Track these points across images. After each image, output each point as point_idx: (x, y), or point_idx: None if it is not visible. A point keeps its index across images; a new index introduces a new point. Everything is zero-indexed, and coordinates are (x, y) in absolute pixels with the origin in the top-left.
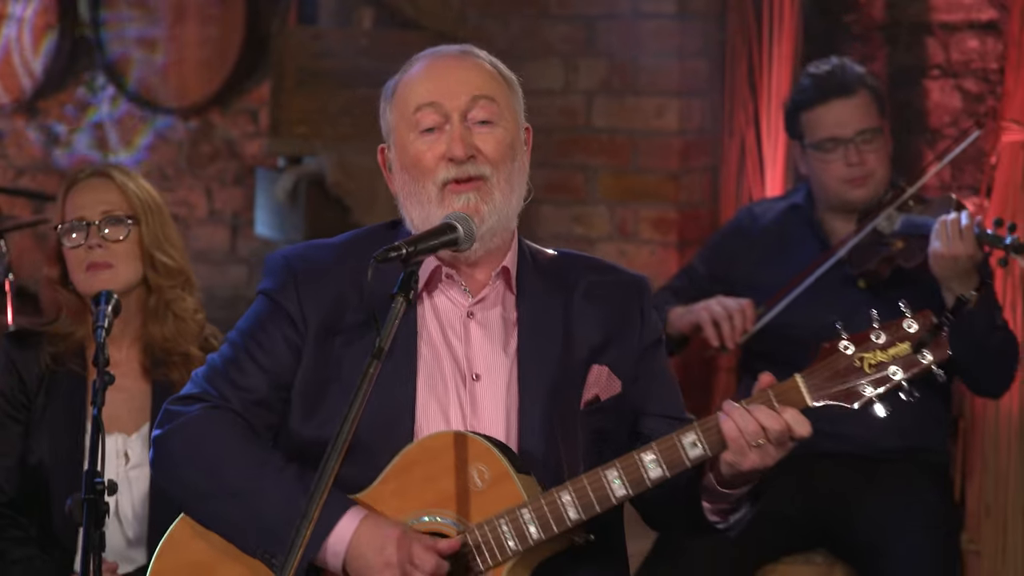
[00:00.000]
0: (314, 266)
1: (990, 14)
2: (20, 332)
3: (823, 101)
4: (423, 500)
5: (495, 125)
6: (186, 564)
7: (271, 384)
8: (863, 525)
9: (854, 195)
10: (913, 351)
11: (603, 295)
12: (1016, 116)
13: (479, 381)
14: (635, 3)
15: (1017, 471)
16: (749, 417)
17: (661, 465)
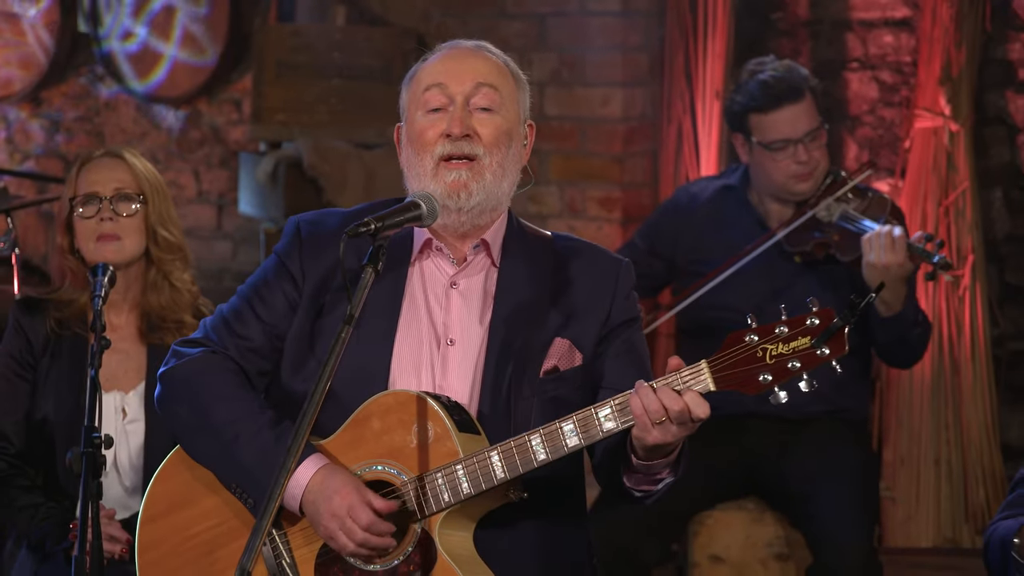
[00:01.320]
0: (320, 232)
1: (904, 12)
2: (27, 299)
3: (776, 107)
4: (375, 451)
5: (495, 113)
6: (175, 491)
7: (267, 334)
8: (792, 476)
9: (800, 188)
10: (813, 346)
11: (579, 274)
12: (927, 105)
13: (452, 346)
14: (582, 1)
15: (928, 427)
16: (654, 396)
17: (578, 434)
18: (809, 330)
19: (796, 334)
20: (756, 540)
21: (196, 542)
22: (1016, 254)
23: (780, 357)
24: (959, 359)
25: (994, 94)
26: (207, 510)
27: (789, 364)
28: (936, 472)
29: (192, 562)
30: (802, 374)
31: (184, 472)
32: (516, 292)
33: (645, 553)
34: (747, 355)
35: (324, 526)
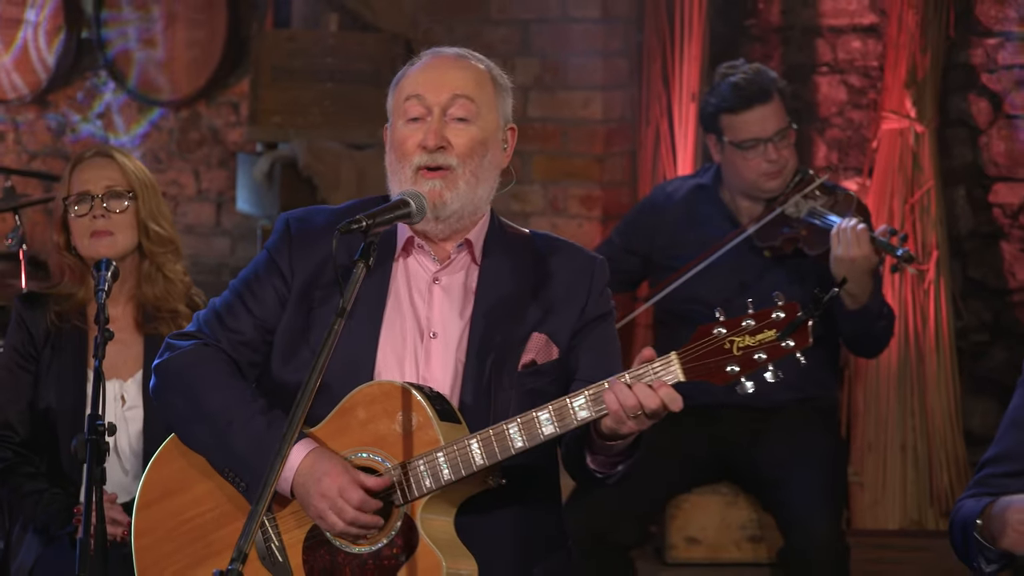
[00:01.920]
0: (309, 229)
1: (871, 19)
2: (28, 294)
3: (746, 107)
4: (360, 439)
5: (470, 123)
6: (169, 478)
7: (258, 328)
8: (764, 461)
9: (770, 185)
10: (778, 339)
11: (555, 271)
12: (894, 107)
13: (435, 339)
14: (564, 8)
15: (895, 414)
16: (629, 393)
17: (554, 423)
18: (775, 323)
19: (762, 327)
20: (730, 523)
21: (189, 527)
22: (978, 250)
23: (747, 349)
24: (924, 350)
25: (957, 97)
26: (200, 496)
27: (755, 356)
28: (902, 458)
29: (185, 546)
30: (768, 365)
31: (178, 459)
32: (496, 289)
33: (624, 535)
34: (715, 347)
35: (314, 506)
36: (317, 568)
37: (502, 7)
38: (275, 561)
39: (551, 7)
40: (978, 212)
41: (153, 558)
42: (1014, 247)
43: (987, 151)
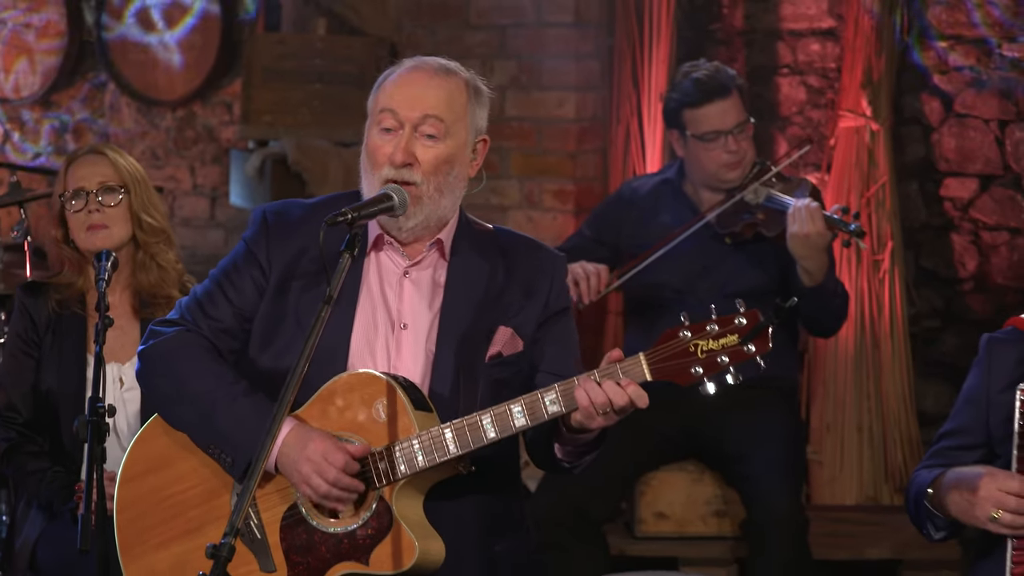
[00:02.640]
0: (285, 221)
1: (829, 23)
2: (30, 283)
3: (707, 101)
4: (338, 425)
5: (439, 141)
6: (152, 454)
7: (236, 316)
8: (728, 440)
9: (730, 176)
10: (740, 343)
11: (519, 268)
12: (851, 106)
13: (406, 330)
14: (539, 14)
15: (851, 396)
16: (599, 390)
17: (525, 416)
18: (737, 329)
19: (725, 332)
20: (696, 498)
21: (169, 503)
22: (930, 241)
23: (710, 352)
24: (879, 335)
25: (910, 97)
26: (182, 473)
27: (718, 359)
28: (858, 437)
29: (165, 521)
30: (729, 368)
31: (161, 437)
32: (464, 284)
33: (596, 511)
34: (680, 350)
35: (299, 471)
36: (294, 546)
37: (481, 12)
38: (254, 538)
39: (527, 12)
40: (930, 205)
41: (135, 531)
42: (964, 238)
43: (939, 148)
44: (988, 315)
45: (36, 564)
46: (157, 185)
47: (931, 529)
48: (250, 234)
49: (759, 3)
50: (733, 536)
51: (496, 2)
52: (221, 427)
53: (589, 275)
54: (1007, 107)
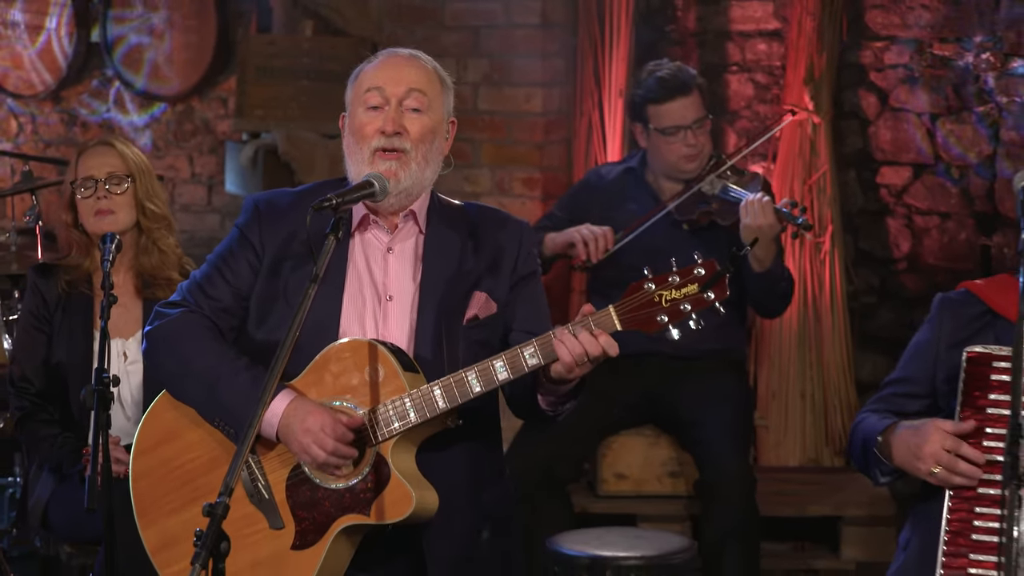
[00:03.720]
0: (275, 208)
1: (775, 24)
2: (41, 265)
3: (670, 98)
4: (334, 389)
5: (423, 113)
6: (162, 428)
7: (234, 296)
8: (682, 406)
9: (688, 167)
10: (700, 291)
11: (489, 237)
12: (794, 101)
13: (391, 301)
14: (509, 16)
15: (795, 366)
16: (576, 342)
17: (507, 370)
18: (697, 278)
19: (686, 282)
20: (653, 460)
21: (180, 472)
22: (867, 225)
23: (674, 301)
24: (821, 311)
25: (849, 92)
26: (190, 444)
27: (681, 307)
28: (801, 404)
29: (176, 488)
30: (692, 315)
31: (170, 411)
32: (440, 254)
33: (561, 471)
34: (646, 300)
35: (299, 441)
36: (300, 503)
37: (455, 15)
38: (262, 498)
39: (497, 15)
40: (867, 192)
41: (150, 499)
42: (898, 222)
43: (875, 139)
44: (920, 292)
45: (48, 522)
46: (158, 174)
47: (877, 474)
48: (243, 221)
49: (710, 6)
50: (687, 495)
51: (469, 5)
52: (224, 401)
53: (597, 237)
54: (937, 101)
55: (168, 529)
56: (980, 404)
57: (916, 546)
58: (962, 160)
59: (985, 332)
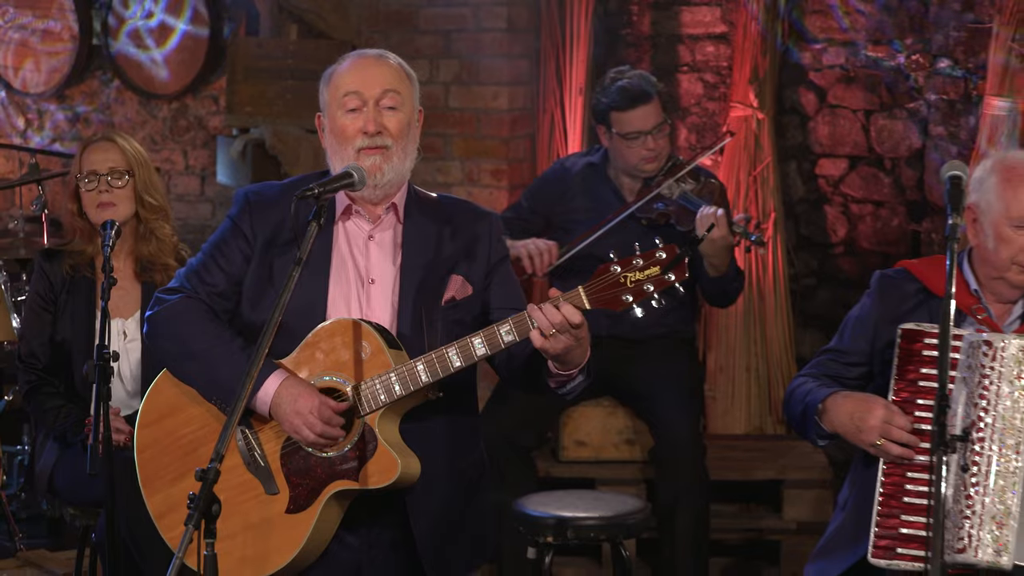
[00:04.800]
0: (264, 199)
1: (722, 28)
2: (48, 250)
3: (631, 107)
4: (324, 365)
5: (398, 110)
6: (163, 403)
7: (229, 281)
8: (638, 380)
9: (648, 168)
10: (662, 272)
11: (463, 225)
12: (740, 99)
13: (374, 284)
14: (477, 21)
15: (741, 343)
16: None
17: (485, 346)
18: (658, 261)
19: (649, 264)
20: (610, 429)
21: (182, 443)
22: (807, 212)
23: (638, 282)
24: (764, 292)
25: (790, 90)
26: (189, 418)
27: (644, 287)
28: (747, 377)
29: (179, 458)
30: (654, 294)
31: (171, 388)
32: (418, 241)
33: (526, 439)
34: (612, 281)
35: (290, 422)
36: (293, 470)
37: (428, 20)
38: (259, 466)
39: (467, 19)
40: (807, 182)
41: (153, 469)
42: (835, 210)
43: (814, 134)
44: (856, 275)
45: (53, 486)
46: (155, 166)
47: (815, 437)
48: (235, 212)
49: (663, 11)
50: (642, 460)
51: (441, 10)
52: (220, 380)
53: (541, 252)
54: (872, 99)
55: (171, 496)
56: (912, 378)
57: (853, 507)
58: (894, 153)
59: (920, 309)
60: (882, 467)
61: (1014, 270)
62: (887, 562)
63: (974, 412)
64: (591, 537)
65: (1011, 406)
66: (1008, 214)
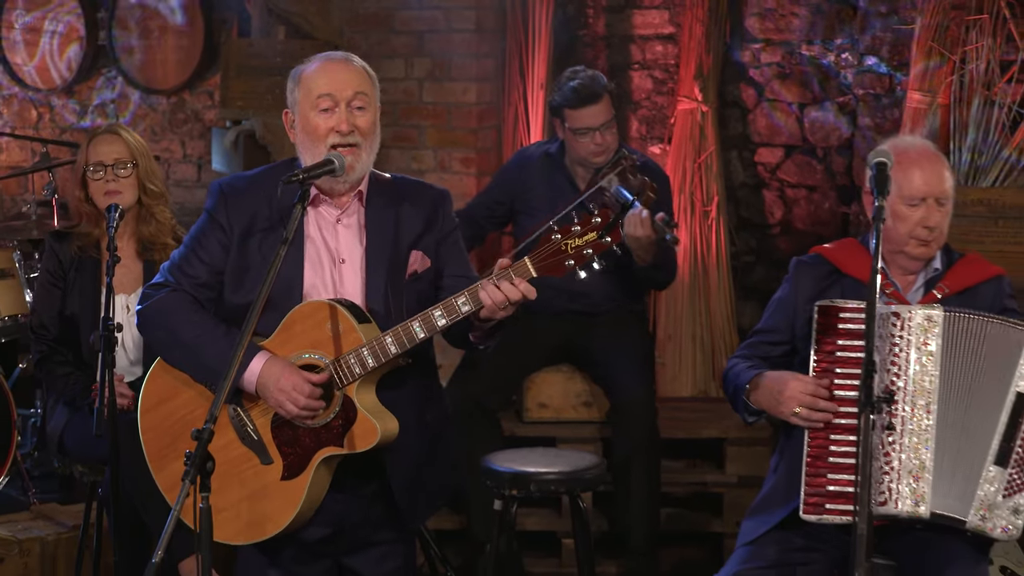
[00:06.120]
0: (237, 190)
1: (670, 30)
2: (57, 231)
3: (582, 106)
4: (302, 344)
5: (366, 110)
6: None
7: (210, 272)
8: (595, 349)
9: (597, 159)
10: (599, 237)
11: (418, 203)
12: (686, 93)
13: (344, 264)
14: (449, 23)
15: (687, 314)
16: (498, 291)
17: (444, 317)
18: (595, 226)
19: (586, 230)
20: (569, 392)
21: (180, 425)
22: (747, 196)
23: (578, 247)
24: (708, 268)
25: (731, 86)
26: (186, 400)
27: (584, 251)
28: (693, 346)
29: (179, 438)
30: (594, 257)
31: (165, 375)
32: (380, 222)
33: (492, 402)
34: (555, 249)
35: (274, 398)
36: (284, 441)
37: (403, 22)
38: (252, 440)
39: (439, 21)
40: (746, 169)
41: (158, 449)
42: (773, 194)
43: (753, 125)
44: (791, 253)
45: (63, 446)
46: (156, 155)
47: (744, 414)
48: (211, 205)
49: (616, 14)
50: (599, 421)
51: (415, 13)
52: (209, 364)
53: None
54: (805, 94)
55: (175, 471)
56: (829, 349)
57: (783, 471)
58: (825, 142)
59: (833, 288)
60: (807, 433)
61: (912, 243)
62: (817, 517)
63: (887, 377)
64: (552, 490)
65: (920, 370)
66: (901, 194)
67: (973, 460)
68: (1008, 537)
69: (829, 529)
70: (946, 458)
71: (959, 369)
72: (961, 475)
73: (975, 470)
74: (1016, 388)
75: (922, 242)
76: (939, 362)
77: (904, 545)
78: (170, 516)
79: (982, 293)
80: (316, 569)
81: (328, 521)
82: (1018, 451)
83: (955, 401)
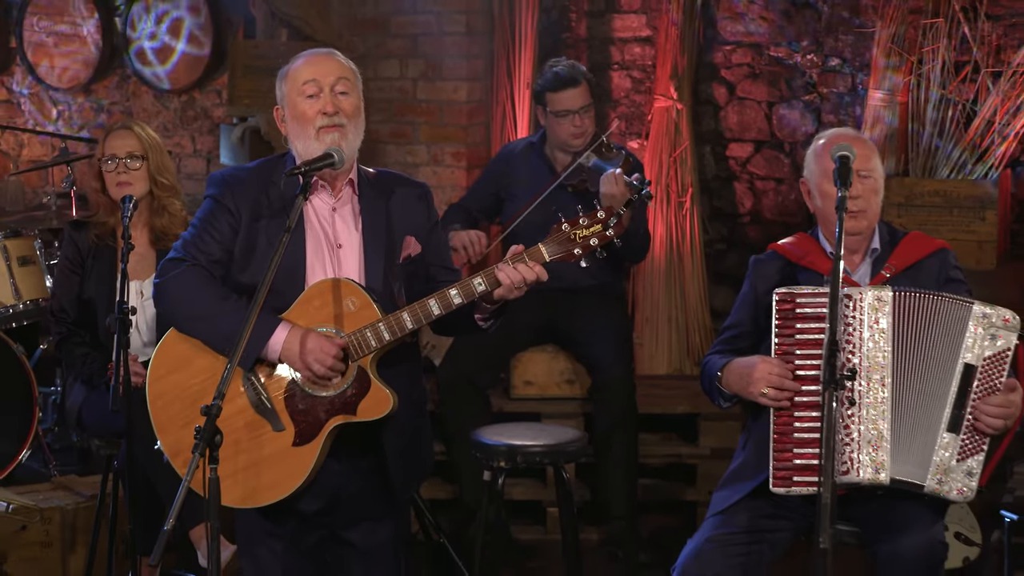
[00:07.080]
0: (239, 180)
1: (647, 32)
2: (75, 221)
3: (562, 89)
4: (318, 318)
5: (349, 95)
6: (172, 358)
7: (222, 250)
8: (577, 329)
9: (575, 143)
10: (603, 229)
11: (404, 195)
12: (663, 92)
13: (342, 248)
14: (441, 26)
15: (663, 297)
16: (516, 272)
17: (461, 296)
18: (600, 220)
19: (593, 223)
20: (554, 370)
21: (189, 393)
22: (719, 188)
23: (584, 238)
24: (684, 254)
25: (705, 85)
26: (196, 370)
27: (591, 241)
28: (669, 327)
29: (188, 406)
30: (598, 247)
31: (177, 344)
32: (373, 210)
33: (482, 380)
34: (565, 238)
35: (302, 360)
36: (297, 410)
37: (399, 25)
38: (265, 408)
39: (432, 25)
40: (719, 162)
41: (166, 416)
42: (743, 186)
43: (725, 121)
44: (760, 241)
45: (81, 422)
46: (168, 149)
47: (720, 400)
48: (217, 192)
49: (597, 18)
50: (581, 397)
51: (410, 17)
52: (226, 331)
53: (473, 242)
54: (773, 92)
55: (182, 439)
56: (789, 333)
57: (752, 447)
58: (792, 138)
59: (788, 280)
60: (772, 412)
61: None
62: (786, 490)
63: (843, 356)
64: (537, 462)
65: (873, 347)
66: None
67: (928, 428)
68: (963, 499)
69: (795, 499)
70: (902, 427)
71: (910, 344)
72: (918, 443)
73: (930, 437)
74: (963, 359)
75: (851, 215)
76: (891, 338)
77: (867, 511)
78: (181, 487)
79: (927, 267)
80: (312, 539)
81: (325, 493)
82: (968, 418)
83: (908, 374)
